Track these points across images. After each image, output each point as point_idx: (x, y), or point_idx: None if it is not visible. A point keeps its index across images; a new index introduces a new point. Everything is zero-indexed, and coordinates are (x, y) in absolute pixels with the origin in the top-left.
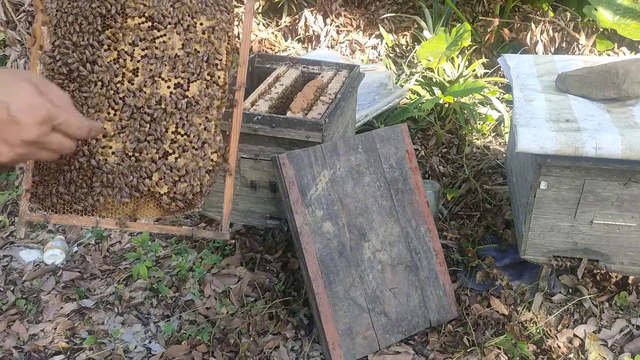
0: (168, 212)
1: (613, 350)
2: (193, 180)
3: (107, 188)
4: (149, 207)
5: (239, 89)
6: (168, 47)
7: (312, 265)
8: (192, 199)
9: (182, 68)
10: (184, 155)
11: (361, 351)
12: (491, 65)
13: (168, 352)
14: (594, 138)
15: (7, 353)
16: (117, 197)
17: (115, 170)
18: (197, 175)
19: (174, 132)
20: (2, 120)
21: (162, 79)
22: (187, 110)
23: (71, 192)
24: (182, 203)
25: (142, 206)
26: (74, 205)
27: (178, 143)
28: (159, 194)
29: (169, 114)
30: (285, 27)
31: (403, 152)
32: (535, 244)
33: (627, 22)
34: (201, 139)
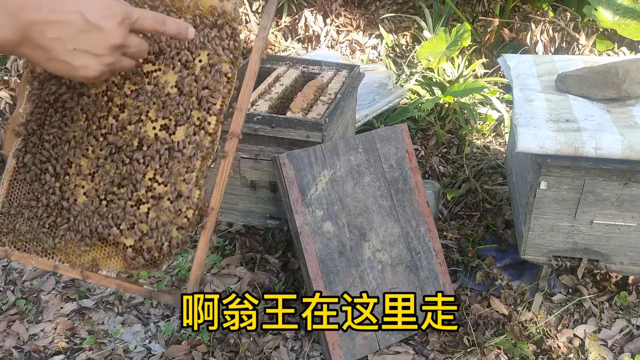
0: (131, 266)
1: (613, 350)
2: (161, 237)
3: (71, 231)
4: (112, 258)
5: (230, 139)
6: (160, 83)
7: (312, 265)
8: (157, 257)
9: (171, 108)
10: (157, 206)
11: (361, 351)
12: (491, 65)
13: (168, 352)
14: (594, 138)
15: (7, 353)
16: (80, 242)
17: (83, 213)
18: (167, 232)
19: (151, 179)
20: (82, 30)
21: (149, 118)
22: (169, 156)
23: (34, 230)
24: (146, 260)
25: (105, 256)
26: (35, 245)
27: (153, 192)
28: (124, 246)
29: (149, 158)
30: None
31: (403, 152)
32: (535, 244)
33: (627, 22)
34: (177, 190)
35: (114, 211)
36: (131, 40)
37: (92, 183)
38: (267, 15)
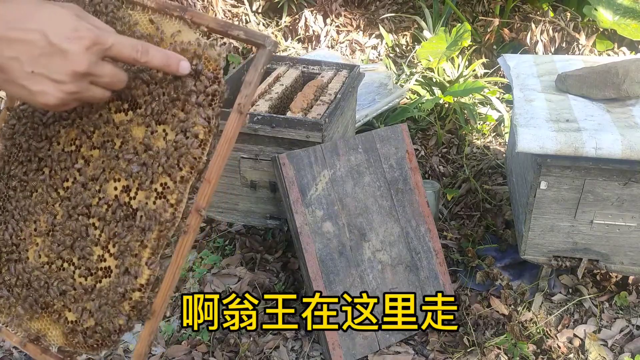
0: (71, 344)
1: (613, 350)
2: (103, 318)
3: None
4: (54, 329)
5: (193, 213)
6: (127, 138)
7: (312, 265)
8: (97, 342)
9: (135, 169)
10: (105, 281)
11: (361, 351)
12: (491, 65)
13: (168, 352)
14: (594, 138)
15: (7, 353)
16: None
17: (31, 274)
18: (110, 314)
19: (103, 247)
20: (43, 52)
21: (112, 176)
22: (123, 225)
23: None
24: (84, 342)
25: (47, 325)
26: None
27: (103, 264)
28: (65, 320)
29: (104, 223)
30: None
31: (403, 152)
32: (535, 244)
33: (627, 22)
34: (125, 266)
35: (62, 278)
36: (103, 68)
37: (45, 242)
38: (254, 68)
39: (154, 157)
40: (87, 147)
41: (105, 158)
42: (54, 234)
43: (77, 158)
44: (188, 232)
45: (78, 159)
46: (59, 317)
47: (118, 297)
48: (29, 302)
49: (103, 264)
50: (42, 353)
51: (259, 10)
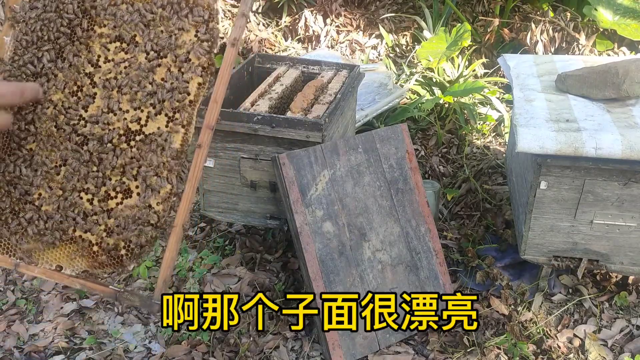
0: (95, 265)
1: (613, 350)
2: (129, 234)
3: (32, 226)
4: (76, 256)
5: (204, 131)
6: (132, 73)
7: (312, 265)
8: (124, 256)
9: (144, 99)
10: (126, 202)
11: (361, 351)
12: (491, 65)
13: (168, 352)
14: (594, 138)
15: (7, 353)
16: (42, 239)
17: (48, 209)
18: (135, 229)
19: (121, 172)
20: None
21: (120, 108)
22: (139, 149)
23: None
24: (112, 259)
25: (69, 255)
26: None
27: (122, 187)
28: (89, 243)
29: (119, 151)
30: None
31: (403, 152)
32: (535, 244)
33: (627, 22)
34: (147, 184)
35: (80, 207)
36: None
37: (58, 177)
38: (244, 2)
39: (159, 86)
40: (90, 86)
41: (111, 93)
42: (67, 168)
43: (82, 96)
44: (202, 146)
45: (82, 97)
46: (81, 243)
47: (141, 213)
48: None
49: (122, 187)
50: (68, 278)
51: (259, 10)
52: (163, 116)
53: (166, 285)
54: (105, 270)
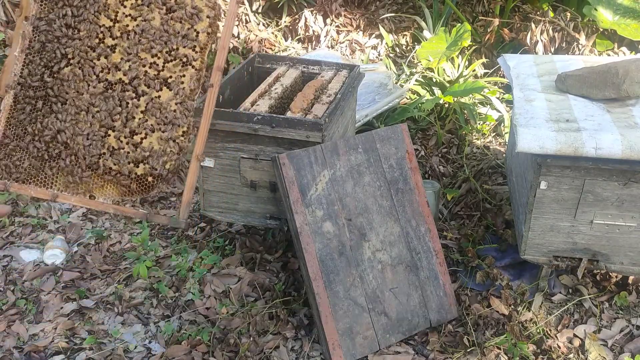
0: (126, 193)
1: (613, 350)
2: (155, 162)
3: (68, 160)
4: (107, 187)
5: (215, 72)
6: (148, 24)
7: (312, 265)
8: (152, 181)
9: (159, 47)
10: (150, 136)
11: (361, 351)
12: (491, 65)
13: (168, 352)
14: (594, 138)
15: (7, 353)
16: (77, 173)
17: (80, 146)
18: (159, 157)
19: (143, 111)
20: None
21: (138, 57)
22: (159, 91)
23: (32, 163)
24: (141, 186)
25: (100, 185)
26: (34, 177)
27: (146, 124)
28: (119, 174)
29: (141, 93)
30: (285, 27)
31: (403, 152)
32: (535, 244)
33: (627, 22)
34: (169, 120)
35: (109, 142)
36: None
37: (87, 116)
38: None
39: (173, 35)
40: (110, 38)
41: (129, 43)
42: (95, 109)
43: (103, 47)
44: (214, 86)
45: (103, 48)
46: (111, 173)
47: (164, 145)
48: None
49: (145, 124)
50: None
51: (259, 10)
52: (178, 61)
53: (189, 206)
54: (134, 196)
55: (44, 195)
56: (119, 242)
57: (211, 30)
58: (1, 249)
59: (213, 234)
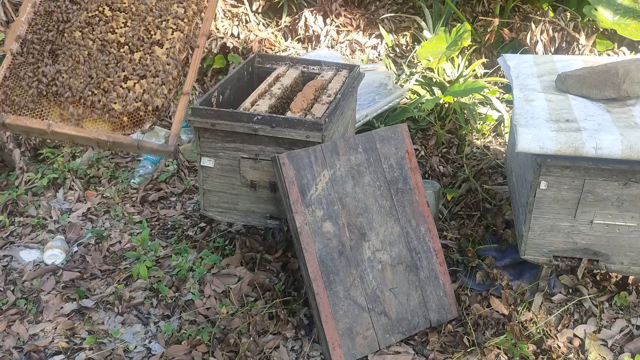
0: (118, 127)
1: (613, 350)
2: (146, 100)
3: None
4: (99, 121)
5: (200, 37)
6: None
7: (312, 265)
8: (143, 115)
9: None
10: (142, 81)
11: (361, 351)
12: (491, 65)
13: (168, 352)
14: (594, 138)
15: (7, 353)
16: (73, 108)
17: (77, 86)
18: (151, 96)
19: (136, 63)
20: None
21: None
22: (151, 47)
23: (30, 97)
24: (132, 120)
25: (93, 120)
26: (30, 110)
27: (139, 72)
28: (112, 109)
29: (135, 48)
30: (285, 27)
31: (403, 152)
32: (535, 244)
33: (627, 22)
34: (160, 69)
35: (104, 85)
36: None
37: (85, 65)
38: None
39: (165, 10)
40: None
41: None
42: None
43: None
44: (200, 47)
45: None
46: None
47: (157, 86)
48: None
49: (137, 71)
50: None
51: (259, 10)
52: (169, 28)
53: (177, 137)
54: (127, 130)
55: (39, 125)
56: (119, 242)
57: (197, 7)
58: (1, 249)
59: (213, 234)
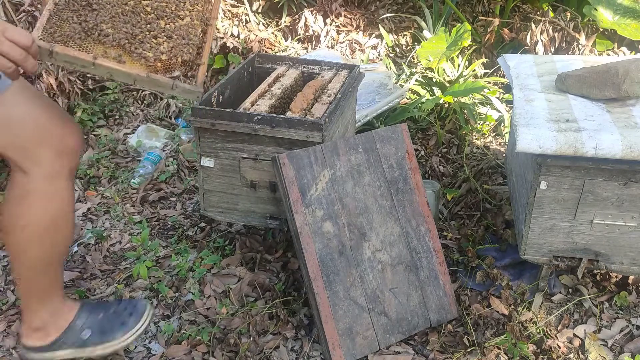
0: (151, 69)
1: (613, 350)
2: (176, 53)
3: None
4: (137, 65)
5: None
6: None
7: (312, 265)
8: (174, 65)
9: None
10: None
11: (361, 351)
12: (491, 65)
13: (168, 352)
14: (594, 138)
15: (7, 353)
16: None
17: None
18: (179, 50)
19: (163, 27)
20: None
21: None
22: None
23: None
24: (165, 67)
25: (132, 60)
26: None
27: (167, 32)
28: (147, 57)
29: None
30: (285, 27)
31: (403, 152)
32: (535, 244)
33: (627, 22)
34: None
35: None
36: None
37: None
38: None
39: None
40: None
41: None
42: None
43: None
44: (212, 26)
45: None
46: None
47: (184, 44)
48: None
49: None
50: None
51: (259, 10)
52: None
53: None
54: (159, 74)
55: (85, 57)
56: (119, 242)
57: None
58: (1, 249)
59: (213, 234)
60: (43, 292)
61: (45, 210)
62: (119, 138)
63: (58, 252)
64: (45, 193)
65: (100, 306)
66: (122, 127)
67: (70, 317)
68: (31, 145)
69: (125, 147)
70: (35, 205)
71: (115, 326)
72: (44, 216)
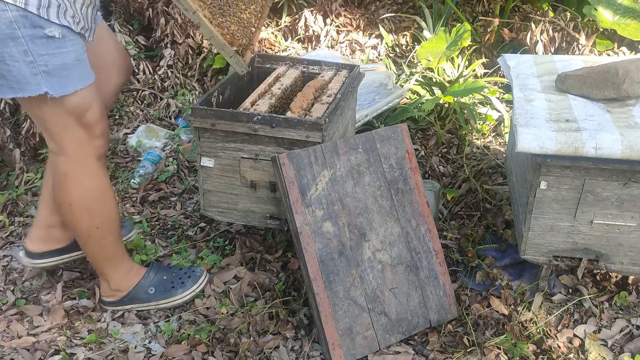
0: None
1: (613, 350)
2: (240, 34)
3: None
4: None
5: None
6: None
7: (312, 265)
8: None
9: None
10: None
11: (361, 351)
12: (491, 65)
13: (168, 352)
14: (594, 138)
15: (6, 353)
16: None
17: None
18: (241, 33)
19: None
20: None
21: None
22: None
23: None
24: (231, 39)
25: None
26: None
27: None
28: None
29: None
30: (285, 27)
31: (403, 152)
32: (535, 244)
33: (627, 22)
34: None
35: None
36: None
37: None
38: None
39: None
40: None
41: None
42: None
43: None
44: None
45: None
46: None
47: (243, 28)
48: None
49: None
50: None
51: None
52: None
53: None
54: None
55: (192, 4)
56: None
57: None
58: (1, 249)
59: (213, 234)
60: (110, 258)
61: (85, 189)
62: (119, 138)
63: (110, 221)
64: (80, 174)
65: (165, 269)
66: (122, 127)
67: (139, 276)
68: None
69: (125, 147)
70: (74, 185)
71: (176, 285)
72: (84, 194)
